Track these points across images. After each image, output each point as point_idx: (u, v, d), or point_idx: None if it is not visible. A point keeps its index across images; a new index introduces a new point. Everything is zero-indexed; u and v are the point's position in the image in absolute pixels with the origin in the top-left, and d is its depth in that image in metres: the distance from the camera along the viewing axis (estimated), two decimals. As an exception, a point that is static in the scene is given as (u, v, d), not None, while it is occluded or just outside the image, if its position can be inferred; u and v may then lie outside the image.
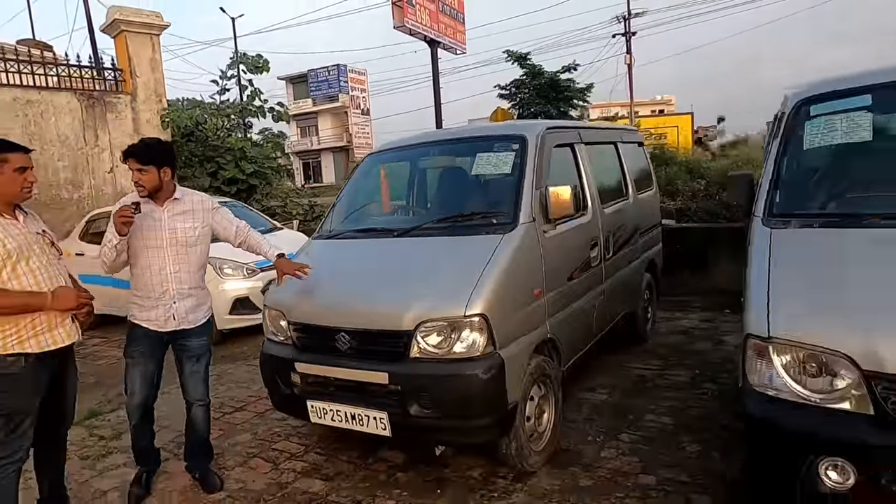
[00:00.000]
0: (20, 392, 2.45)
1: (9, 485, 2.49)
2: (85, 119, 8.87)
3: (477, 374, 2.64)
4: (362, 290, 2.98)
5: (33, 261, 2.49)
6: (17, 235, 2.46)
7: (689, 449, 3.25)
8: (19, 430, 2.48)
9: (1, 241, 2.40)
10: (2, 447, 2.45)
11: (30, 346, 2.44)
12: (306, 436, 3.79)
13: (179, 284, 2.99)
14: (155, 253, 2.95)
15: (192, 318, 3.06)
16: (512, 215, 3.07)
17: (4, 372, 2.40)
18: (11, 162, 2.47)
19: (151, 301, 2.97)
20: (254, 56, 10.15)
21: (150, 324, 2.99)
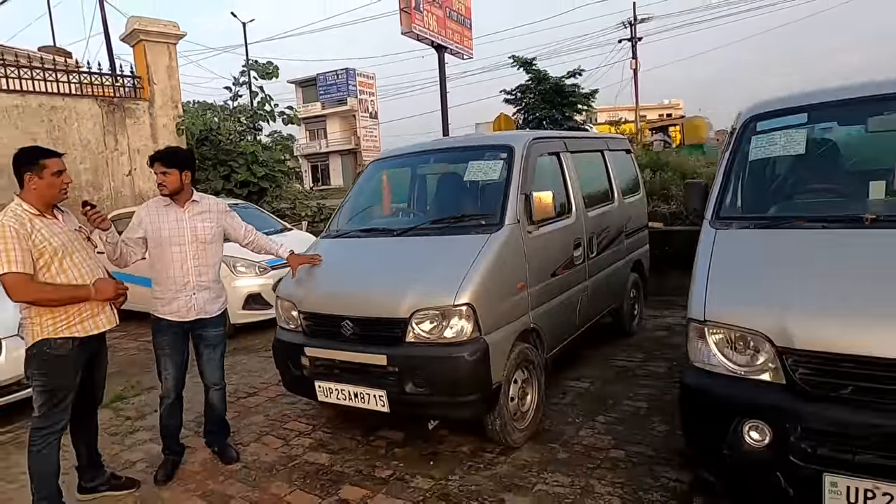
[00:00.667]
0: (66, 371, 2.85)
1: (51, 451, 2.88)
2: (105, 124, 9.33)
3: (464, 357, 3.01)
4: (364, 282, 3.35)
5: (76, 256, 2.86)
6: (60, 233, 2.83)
7: (658, 429, 3.59)
8: (62, 405, 2.87)
9: (48, 240, 2.76)
10: (46, 419, 2.84)
11: (76, 331, 2.83)
12: (313, 417, 4.17)
13: (198, 277, 3.33)
14: (178, 249, 3.29)
15: (209, 308, 3.40)
16: (499, 217, 3.43)
17: (55, 353, 2.79)
18: (50, 167, 2.83)
19: (173, 293, 3.29)
20: (264, 63, 10.58)
21: (173, 315, 3.32)
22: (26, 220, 2.72)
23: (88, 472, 3.25)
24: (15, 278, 2.64)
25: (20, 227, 2.68)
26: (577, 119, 24.84)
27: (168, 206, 3.32)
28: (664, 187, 9.18)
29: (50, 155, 2.88)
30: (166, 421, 3.49)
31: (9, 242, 2.64)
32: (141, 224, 3.31)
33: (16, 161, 2.83)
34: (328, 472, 3.36)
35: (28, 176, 2.78)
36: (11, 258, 2.63)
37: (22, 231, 2.67)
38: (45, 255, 2.74)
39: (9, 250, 2.63)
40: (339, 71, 48.68)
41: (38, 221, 2.76)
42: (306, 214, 11.16)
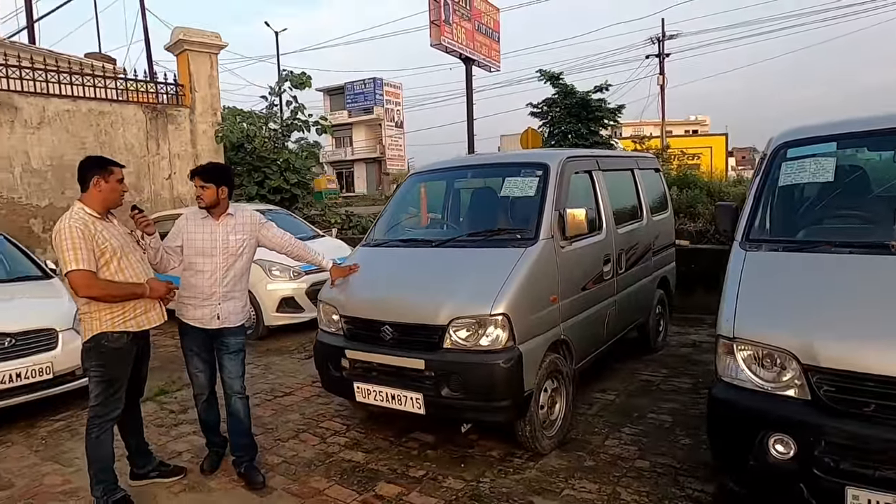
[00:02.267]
0: (121, 363, 3.08)
1: (107, 438, 3.12)
2: (148, 129, 9.72)
3: (498, 364, 3.17)
4: (405, 290, 3.54)
5: (131, 257, 3.11)
6: (118, 235, 3.09)
7: (683, 441, 3.70)
8: (117, 395, 3.10)
9: (108, 241, 3.00)
10: (102, 407, 3.08)
11: (131, 326, 3.08)
12: (347, 417, 4.35)
13: (225, 288, 3.39)
14: (209, 259, 3.37)
15: (233, 318, 3.43)
16: (533, 232, 3.60)
17: (112, 346, 3.03)
18: (115, 174, 3.12)
19: (199, 300, 3.36)
20: (298, 73, 10.92)
21: (197, 321, 3.38)
22: (90, 223, 2.97)
23: (139, 460, 3.48)
24: (81, 275, 2.88)
25: (85, 228, 2.93)
26: (603, 134, 24.93)
27: (205, 219, 3.43)
28: (691, 205, 9.27)
29: (117, 164, 3.17)
30: (204, 416, 3.66)
31: (76, 242, 2.88)
32: (179, 233, 3.44)
33: (86, 165, 3.09)
34: (364, 469, 3.53)
35: (96, 179, 3.04)
36: (79, 257, 2.87)
37: (87, 232, 2.92)
38: (105, 255, 2.98)
39: (76, 249, 2.87)
40: (367, 80, 49.41)
41: (98, 224, 3.01)
42: (335, 221, 11.44)
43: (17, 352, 4.33)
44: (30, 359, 4.35)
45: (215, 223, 3.44)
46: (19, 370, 4.29)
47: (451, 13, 23.28)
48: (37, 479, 3.61)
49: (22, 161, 8.32)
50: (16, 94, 8.30)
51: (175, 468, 3.58)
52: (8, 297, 4.91)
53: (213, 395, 3.62)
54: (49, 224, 8.37)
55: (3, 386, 4.22)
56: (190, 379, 3.63)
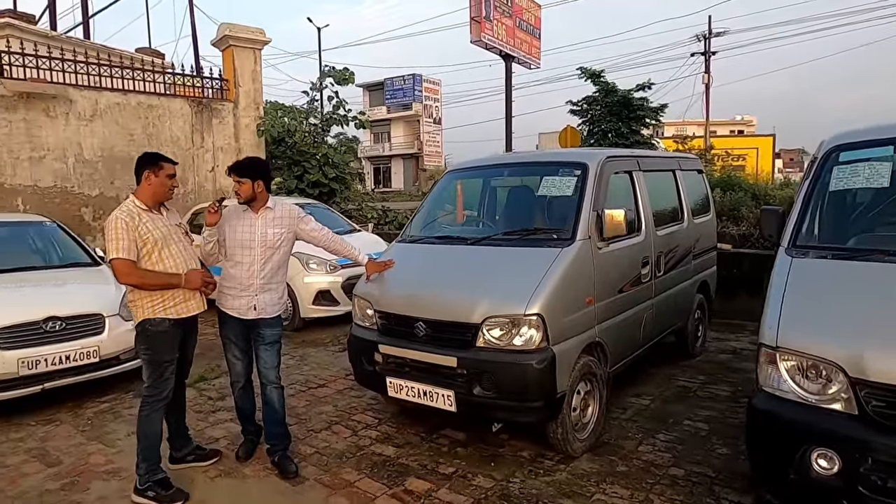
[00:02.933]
0: (166, 345, 3.22)
1: (157, 416, 3.25)
2: (194, 123, 9.98)
3: (531, 364, 3.15)
4: (439, 287, 3.54)
5: (173, 247, 3.24)
6: (162, 227, 3.23)
7: (720, 451, 3.61)
8: (165, 375, 3.24)
9: (151, 232, 3.15)
10: (153, 388, 3.23)
11: (171, 313, 3.21)
12: (380, 411, 4.39)
13: (262, 280, 3.46)
14: (248, 251, 3.44)
15: (269, 309, 3.48)
16: (570, 233, 3.55)
17: (156, 329, 3.17)
18: (166, 169, 3.27)
19: (237, 291, 3.43)
20: (341, 69, 11.04)
21: (234, 311, 3.46)
22: (136, 215, 3.15)
23: (178, 442, 3.60)
24: (122, 263, 3.07)
25: (130, 220, 3.11)
26: (644, 133, 24.45)
27: (245, 212, 3.50)
28: (734, 208, 9.01)
29: (168, 160, 3.32)
30: (240, 404, 3.74)
31: (120, 232, 3.07)
32: (221, 226, 3.51)
33: (141, 160, 3.29)
34: (394, 463, 3.56)
35: (147, 173, 3.23)
36: (121, 246, 3.06)
37: (131, 223, 3.10)
38: (147, 245, 3.14)
39: (119, 239, 3.06)
40: (406, 76, 49.65)
41: (145, 216, 3.18)
42: (372, 216, 11.54)
43: (67, 335, 4.51)
44: (78, 342, 4.53)
45: (255, 216, 3.50)
46: (68, 353, 4.47)
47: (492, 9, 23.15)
48: (83, 457, 3.76)
49: (75, 152, 8.65)
50: (71, 88, 8.63)
51: (211, 451, 3.71)
52: (60, 282, 5.12)
53: (248, 384, 3.70)
54: (99, 213, 8.70)
55: (53, 367, 4.40)
56: (227, 366, 3.72)
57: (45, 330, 4.43)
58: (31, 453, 3.85)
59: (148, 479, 3.20)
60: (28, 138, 8.26)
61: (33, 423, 4.32)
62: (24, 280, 5.01)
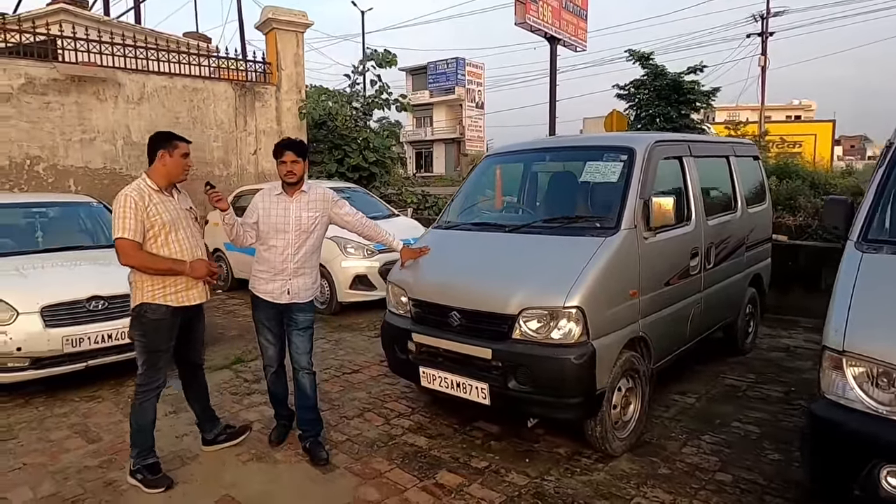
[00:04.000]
0: (160, 333, 3.12)
1: (150, 406, 3.20)
2: (237, 106, 10.07)
3: (570, 359, 2.99)
4: (475, 276, 3.41)
5: (181, 232, 3.15)
6: (171, 210, 3.13)
7: (771, 457, 3.38)
8: (158, 365, 3.17)
9: (160, 214, 3.06)
10: (146, 376, 3.16)
11: (170, 301, 3.11)
12: (412, 400, 4.32)
13: (296, 264, 3.40)
14: (282, 235, 3.38)
15: (303, 294, 3.45)
16: (615, 221, 3.36)
17: (152, 316, 3.08)
18: (180, 148, 3.17)
19: (271, 275, 3.40)
20: (383, 52, 10.92)
21: (267, 295, 3.42)
22: (146, 195, 3.04)
23: (206, 425, 3.59)
24: (126, 243, 2.96)
25: (139, 199, 3.00)
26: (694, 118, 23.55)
27: (279, 195, 3.45)
28: (791, 197, 8.52)
29: (182, 139, 3.22)
30: (273, 388, 3.71)
31: (127, 211, 2.97)
32: (255, 209, 3.49)
33: (154, 139, 3.16)
34: (426, 455, 3.48)
35: (161, 152, 3.12)
36: (127, 226, 2.95)
37: (140, 203, 2.99)
38: (154, 227, 3.03)
39: (126, 218, 2.96)
40: (450, 60, 49.20)
41: (156, 196, 3.07)
42: (412, 201, 11.46)
43: (109, 314, 4.59)
44: (120, 321, 4.59)
45: (289, 199, 3.45)
46: (110, 332, 4.55)
47: (538, -10, 22.57)
48: (121, 436, 3.82)
49: (123, 134, 8.86)
50: (120, 71, 8.81)
51: (241, 428, 3.73)
52: (105, 262, 5.19)
53: (281, 368, 3.67)
54: (145, 194, 8.90)
55: (96, 346, 4.50)
56: (260, 350, 3.70)
57: (88, 309, 4.52)
58: (73, 429, 3.94)
59: (138, 464, 3.18)
60: (80, 121, 8.49)
61: (77, 399, 4.43)
62: (71, 259, 5.13)
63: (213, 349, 5.58)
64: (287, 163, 3.40)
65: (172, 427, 3.91)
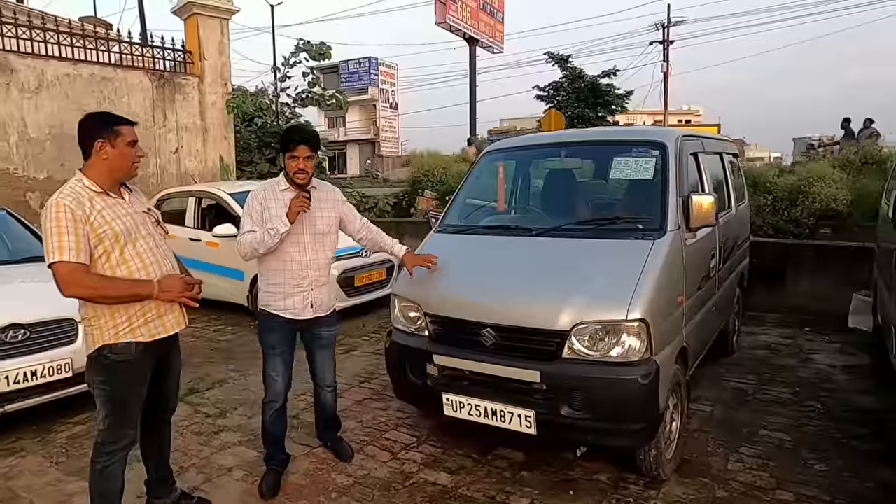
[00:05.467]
0: (131, 378, 2.42)
1: (115, 469, 2.47)
2: (155, 99, 8.98)
3: (636, 380, 2.64)
4: (512, 287, 2.98)
5: (140, 243, 2.40)
6: (125, 216, 2.37)
7: (817, 467, 3.22)
8: (127, 417, 2.44)
9: (109, 223, 2.30)
10: (110, 433, 2.41)
11: (140, 335, 2.38)
12: (414, 427, 3.81)
13: (317, 272, 3.05)
14: (296, 241, 2.98)
15: (326, 305, 3.14)
16: (659, 222, 3.06)
17: (117, 359, 2.35)
18: (125, 135, 2.37)
19: (289, 288, 3.00)
20: (318, 43, 10.18)
21: (288, 312, 3.02)
22: (86, 200, 2.27)
23: (159, 489, 2.84)
24: (67, 268, 2.19)
25: (77, 207, 2.23)
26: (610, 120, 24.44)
27: (285, 191, 2.99)
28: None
29: (125, 122, 2.43)
30: (271, 428, 3.16)
31: (62, 226, 2.20)
32: (260, 212, 2.98)
33: (86, 126, 2.37)
34: (455, 495, 3.01)
35: (100, 143, 2.32)
36: (64, 244, 2.19)
37: (79, 212, 2.23)
38: (104, 242, 2.29)
39: (62, 234, 2.19)
40: (362, 59, 48.23)
41: (99, 201, 2.31)
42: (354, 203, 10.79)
43: (33, 346, 3.73)
44: (46, 354, 3.76)
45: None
46: (34, 367, 3.69)
47: (458, -10, 22.43)
48: (62, 500, 3.05)
49: (18, 129, 7.57)
50: (11, 55, 7.52)
51: (199, 501, 2.92)
52: (18, 280, 4.27)
53: (285, 404, 3.17)
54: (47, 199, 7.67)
55: (17, 386, 3.63)
56: (264, 382, 3.13)
57: (4, 341, 3.63)
58: (-7, 497, 3.10)
59: None
60: (-40, 112, 7.16)
61: (-9, 456, 3.54)
62: (-28, 279, 4.16)
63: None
64: (299, 158, 2.89)
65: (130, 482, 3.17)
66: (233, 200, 6.63)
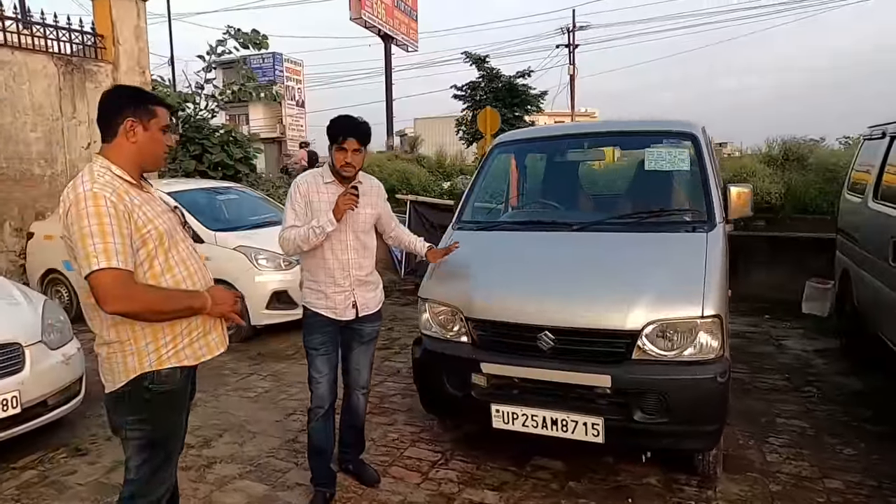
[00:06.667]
0: (173, 413, 1.98)
1: None
2: (62, 87, 7.91)
3: (714, 378, 2.53)
4: (571, 285, 2.76)
5: (181, 247, 1.97)
6: (162, 214, 1.94)
7: (846, 452, 3.28)
8: (168, 461, 1.99)
9: (152, 221, 1.86)
10: (145, 485, 1.93)
11: (185, 358, 1.94)
12: (434, 441, 3.51)
13: (359, 271, 2.80)
14: (339, 237, 2.73)
15: (371, 304, 2.90)
16: (706, 213, 2.99)
17: (159, 390, 1.88)
18: (160, 118, 1.94)
19: (333, 288, 2.77)
20: (251, 31, 9.43)
21: (330, 311, 2.79)
22: (122, 192, 1.82)
23: None
24: (116, 278, 1.73)
25: (118, 200, 1.78)
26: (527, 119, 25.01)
27: (329, 184, 2.74)
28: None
29: (160, 102, 1.99)
30: (317, 441, 2.85)
31: (105, 223, 1.74)
32: (304, 205, 2.71)
33: (113, 99, 1.93)
34: (511, 515, 2.76)
35: (130, 123, 1.87)
36: (110, 247, 1.73)
37: (121, 207, 1.78)
38: (148, 245, 1.85)
39: (105, 234, 1.73)
40: (266, 55, 46.11)
41: (135, 194, 1.87)
42: (286, 203, 10.12)
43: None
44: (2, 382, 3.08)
45: (342, 191, 2.67)
46: (-23, 404, 3.01)
47: (372, -13, 22.02)
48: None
49: None
50: None
51: None
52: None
53: (331, 409, 2.86)
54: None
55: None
56: (309, 387, 2.83)
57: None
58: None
59: None
60: None
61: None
62: None
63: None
64: (348, 151, 2.61)
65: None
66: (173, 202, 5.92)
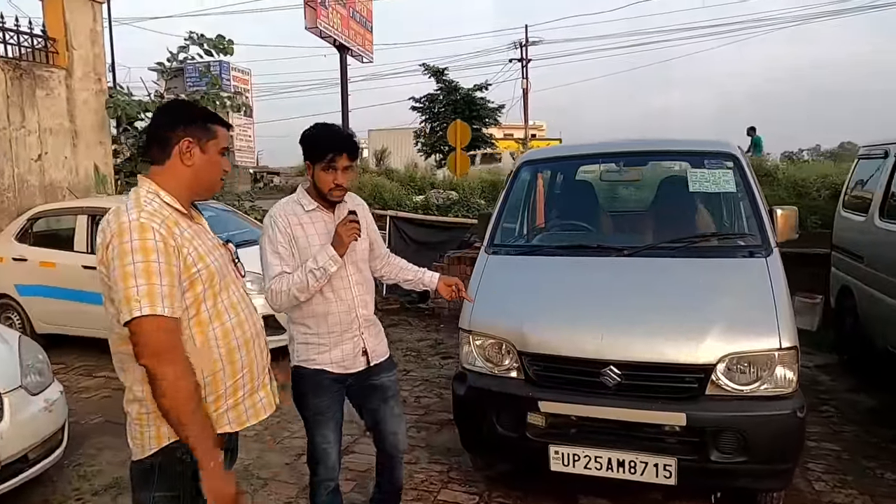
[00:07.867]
0: None
1: None
2: (9, 94, 7.24)
3: (794, 414, 2.41)
4: (632, 315, 2.59)
5: (233, 289, 1.70)
6: (214, 249, 1.67)
7: (887, 476, 3.25)
8: None
9: (203, 259, 1.59)
10: None
11: (227, 423, 1.65)
12: (466, 482, 3.26)
13: (365, 309, 2.38)
14: (340, 274, 2.27)
15: (380, 350, 2.45)
16: (760, 237, 2.89)
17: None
18: (219, 139, 1.69)
19: (336, 336, 2.31)
20: (216, 37, 8.93)
21: (335, 366, 2.33)
22: (172, 223, 1.55)
23: None
24: (161, 328, 1.46)
25: (168, 233, 1.51)
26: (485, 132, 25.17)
27: (312, 212, 2.29)
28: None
29: (221, 122, 1.72)
30: None
31: (152, 260, 1.46)
32: (290, 240, 2.24)
33: (171, 115, 1.67)
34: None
35: (186, 144, 1.61)
36: (156, 289, 1.45)
37: (171, 242, 1.51)
38: (196, 287, 1.58)
39: (151, 274, 1.46)
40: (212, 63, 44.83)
41: (185, 226, 1.60)
42: (256, 218, 9.63)
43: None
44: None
45: (330, 217, 2.30)
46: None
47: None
48: None
49: None
50: None
51: None
52: None
53: (337, 488, 2.46)
54: None
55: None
56: (314, 458, 2.38)
57: None
58: None
59: None
60: None
61: None
62: None
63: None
64: (338, 171, 2.20)
65: None
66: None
